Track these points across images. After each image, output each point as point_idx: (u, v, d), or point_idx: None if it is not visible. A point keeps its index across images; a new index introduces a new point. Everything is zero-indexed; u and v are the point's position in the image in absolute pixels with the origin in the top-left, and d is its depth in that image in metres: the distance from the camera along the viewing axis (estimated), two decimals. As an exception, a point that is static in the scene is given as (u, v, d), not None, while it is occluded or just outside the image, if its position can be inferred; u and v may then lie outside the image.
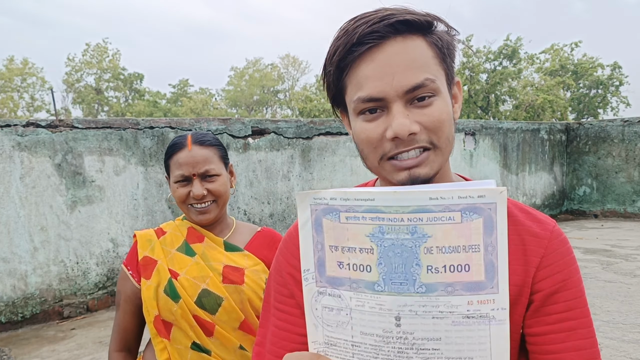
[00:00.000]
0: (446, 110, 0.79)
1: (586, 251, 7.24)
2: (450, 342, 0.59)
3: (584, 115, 27.74)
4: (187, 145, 1.46)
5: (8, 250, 4.67)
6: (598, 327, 4.14)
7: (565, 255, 0.84)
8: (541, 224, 0.86)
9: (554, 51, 27.06)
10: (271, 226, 6.42)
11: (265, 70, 40.40)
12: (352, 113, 0.82)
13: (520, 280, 0.81)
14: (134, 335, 1.54)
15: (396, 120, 0.75)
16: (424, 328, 0.59)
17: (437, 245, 0.58)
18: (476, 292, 0.59)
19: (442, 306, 0.59)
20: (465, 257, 0.58)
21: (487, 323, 0.59)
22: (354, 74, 0.79)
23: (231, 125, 6.13)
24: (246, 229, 1.60)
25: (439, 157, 0.80)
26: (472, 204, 0.57)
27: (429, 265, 0.58)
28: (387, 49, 0.76)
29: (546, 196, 10.71)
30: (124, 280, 1.51)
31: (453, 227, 0.58)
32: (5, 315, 4.69)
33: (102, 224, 5.19)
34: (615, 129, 10.34)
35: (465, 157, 9.03)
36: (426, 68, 0.77)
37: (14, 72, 32.11)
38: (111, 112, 34.84)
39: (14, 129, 4.68)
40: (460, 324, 0.59)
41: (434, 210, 0.58)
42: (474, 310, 0.59)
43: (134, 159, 5.37)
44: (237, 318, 1.43)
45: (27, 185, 4.76)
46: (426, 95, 0.77)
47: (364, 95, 0.77)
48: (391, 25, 0.76)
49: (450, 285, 0.59)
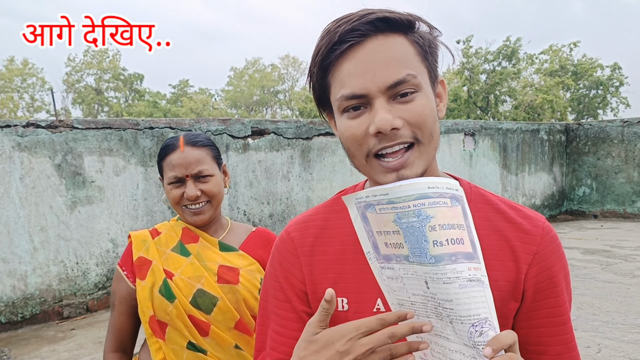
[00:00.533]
0: (429, 106, 0.79)
1: (586, 251, 7.24)
2: (459, 302, 0.69)
3: (583, 116, 27.75)
4: (179, 146, 1.47)
5: (8, 251, 4.68)
6: (597, 328, 4.14)
7: (556, 252, 0.86)
8: (532, 221, 0.87)
9: (552, 52, 27.07)
10: (271, 226, 6.42)
11: (265, 71, 40.42)
12: (337, 112, 0.83)
13: (512, 276, 0.83)
14: (129, 336, 1.54)
15: (378, 115, 0.76)
16: (440, 291, 0.70)
17: (439, 224, 0.69)
18: (470, 260, 0.69)
19: (449, 272, 0.69)
20: (459, 233, 0.69)
21: (482, 286, 0.69)
22: (336, 72, 0.80)
23: (231, 125, 6.13)
24: (241, 229, 1.60)
25: (424, 154, 0.80)
26: (454, 194, 0.70)
27: (434, 240, 0.69)
28: (368, 47, 0.78)
29: (546, 196, 10.72)
30: (118, 281, 1.51)
31: (447, 209, 0.69)
32: (5, 315, 4.69)
33: (102, 224, 5.19)
34: (614, 130, 10.35)
35: (465, 158, 9.04)
36: (407, 64, 0.78)
37: (14, 72, 32.11)
38: (111, 113, 34.86)
39: (14, 129, 4.69)
40: (466, 287, 0.69)
41: (432, 196, 0.69)
42: (472, 275, 0.69)
43: (134, 159, 5.38)
44: (232, 318, 1.43)
45: (27, 186, 4.76)
46: (408, 91, 0.77)
47: (347, 92, 0.78)
48: (371, 23, 0.77)
49: (453, 255, 0.69)
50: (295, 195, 6.72)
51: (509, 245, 0.84)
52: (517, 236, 0.85)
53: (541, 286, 0.84)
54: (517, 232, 0.85)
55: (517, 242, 0.85)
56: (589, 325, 4.21)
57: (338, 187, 7.03)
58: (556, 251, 0.86)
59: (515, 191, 10.03)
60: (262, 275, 1.49)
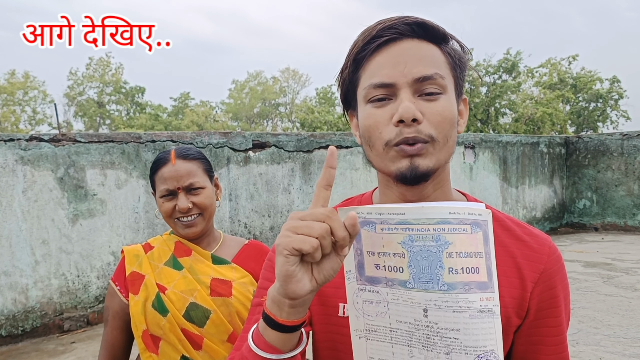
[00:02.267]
0: (450, 110, 0.81)
1: (587, 264, 7.23)
2: (468, 333, 0.68)
3: (583, 129, 27.83)
4: (170, 159, 1.49)
5: (9, 264, 4.68)
6: (599, 341, 4.13)
7: (560, 272, 0.87)
8: (538, 239, 0.88)
9: (551, 65, 27.23)
10: (271, 239, 6.43)
11: (267, 84, 40.64)
12: (362, 101, 0.84)
13: (518, 293, 0.84)
14: (122, 351, 1.53)
15: (403, 104, 0.78)
16: (446, 319, 0.69)
17: (456, 251, 0.69)
18: (484, 290, 0.69)
19: (461, 302, 0.68)
20: (475, 262, 0.69)
21: (492, 317, 0.69)
22: (368, 65, 0.82)
23: (232, 138, 6.17)
24: (233, 242, 1.61)
25: (438, 152, 0.81)
26: (475, 220, 0.69)
27: (450, 267, 0.69)
28: (403, 45, 0.81)
29: (546, 209, 10.72)
30: (111, 296, 1.52)
31: (466, 237, 0.69)
32: (6, 328, 4.69)
33: (104, 237, 5.20)
34: (614, 143, 10.39)
35: (465, 170, 9.06)
36: (437, 66, 0.81)
37: (15, 85, 32.31)
38: (113, 125, 35.00)
39: (17, 143, 4.72)
40: (476, 317, 0.68)
41: (453, 222, 0.69)
42: (484, 306, 0.69)
43: (136, 172, 5.41)
44: (225, 330, 1.44)
45: (30, 199, 4.78)
46: (434, 91, 0.80)
47: (375, 81, 0.80)
48: (409, 25, 0.81)
49: (467, 285, 0.69)
50: (296, 208, 6.74)
51: (515, 261, 0.85)
52: (523, 253, 0.86)
53: (543, 305, 0.85)
54: (523, 250, 0.86)
55: (523, 259, 0.86)
56: (591, 339, 4.20)
57: (338, 200, 7.03)
58: (560, 271, 0.87)
59: (515, 204, 10.03)
60: (255, 287, 1.49)
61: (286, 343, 0.74)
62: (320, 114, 26.20)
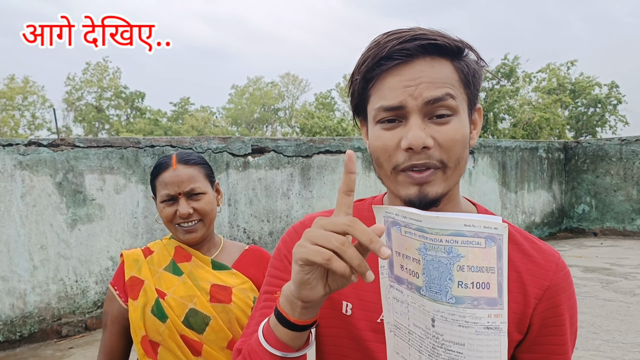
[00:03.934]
0: (461, 132, 0.80)
1: (586, 269, 7.23)
2: (472, 349, 0.68)
3: (582, 134, 27.87)
4: (172, 164, 1.48)
5: (7, 269, 4.67)
6: (598, 347, 4.13)
7: (566, 290, 0.85)
8: (546, 255, 0.87)
9: (550, 70, 27.30)
10: (271, 244, 6.42)
11: (266, 89, 40.70)
12: (372, 121, 0.84)
13: (520, 308, 0.83)
14: (120, 357, 1.52)
15: (412, 132, 0.77)
16: (451, 333, 0.69)
17: (468, 265, 0.67)
18: (493, 307, 0.68)
19: (468, 317, 0.68)
20: (487, 277, 0.67)
21: (498, 334, 0.68)
22: (379, 86, 0.81)
23: (231, 143, 6.17)
24: (234, 248, 1.60)
25: (449, 178, 0.81)
26: (490, 233, 0.67)
27: (459, 280, 0.68)
28: (414, 66, 0.79)
29: (545, 214, 10.72)
30: (111, 301, 1.51)
31: (480, 250, 0.67)
32: (4, 334, 4.67)
33: (102, 242, 5.20)
34: (613, 148, 10.41)
35: (464, 176, 9.03)
36: (449, 85, 0.79)
37: (15, 90, 32.32)
38: (112, 130, 35.00)
39: (15, 148, 4.72)
40: (482, 334, 0.67)
41: (467, 235, 0.67)
42: (491, 323, 0.67)
43: (135, 177, 5.41)
44: (225, 337, 1.43)
45: (28, 204, 4.78)
46: (445, 113, 0.79)
47: (385, 104, 0.80)
48: (422, 46, 0.78)
49: (475, 300, 0.67)
50: (295, 213, 6.74)
51: (519, 276, 0.84)
52: (528, 269, 0.85)
53: (547, 322, 0.83)
54: (529, 265, 0.85)
55: (528, 274, 0.84)
56: (590, 344, 4.19)
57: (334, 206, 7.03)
58: (567, 290, 0.86)
59: (514, 209, 10.03)
60: (255, 294, 1.49)
61: (295, 341, 0.76)
62: (320, 119, 26.19)
